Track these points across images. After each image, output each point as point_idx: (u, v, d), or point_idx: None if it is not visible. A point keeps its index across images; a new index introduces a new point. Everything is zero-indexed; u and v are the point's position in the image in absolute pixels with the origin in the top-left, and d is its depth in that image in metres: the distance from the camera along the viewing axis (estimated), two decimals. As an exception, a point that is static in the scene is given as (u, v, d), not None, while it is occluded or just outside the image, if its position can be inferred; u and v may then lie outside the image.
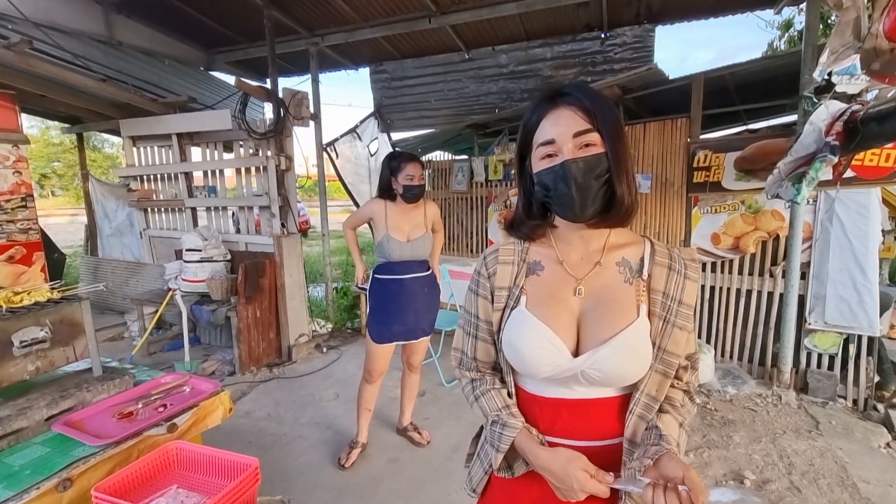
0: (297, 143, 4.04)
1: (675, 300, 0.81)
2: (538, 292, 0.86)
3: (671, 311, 0.81)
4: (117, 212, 5.27)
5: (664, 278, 0.82)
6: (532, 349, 0.81)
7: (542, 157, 0.81)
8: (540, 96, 0.84)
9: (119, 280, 4.99)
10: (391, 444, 2.63)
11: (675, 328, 0.80)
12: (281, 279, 3.93)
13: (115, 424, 1.26)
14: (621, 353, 0.78)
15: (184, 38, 4.72)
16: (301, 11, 4.20)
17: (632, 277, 0.84)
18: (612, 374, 0.78)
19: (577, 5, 3.94)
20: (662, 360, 0.81)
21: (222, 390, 1.47)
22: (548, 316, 0.83)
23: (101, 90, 3.80)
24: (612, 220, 0.82)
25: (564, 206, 0.79)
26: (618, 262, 0.85)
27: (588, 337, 0.81)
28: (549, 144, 0.79)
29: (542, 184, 0.82)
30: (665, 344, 0.80)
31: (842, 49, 2.30)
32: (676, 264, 0.84)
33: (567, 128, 0.78)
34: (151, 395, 1.41)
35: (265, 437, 2.71)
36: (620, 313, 0.81)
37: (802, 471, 2.36)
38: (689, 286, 0.82)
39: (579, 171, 0.77)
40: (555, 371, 0.80)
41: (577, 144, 0.78)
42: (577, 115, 0.78)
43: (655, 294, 0.82)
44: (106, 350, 4.21)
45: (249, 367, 3.69)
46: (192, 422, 1.35)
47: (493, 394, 0.90)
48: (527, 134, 0.85)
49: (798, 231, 3.16)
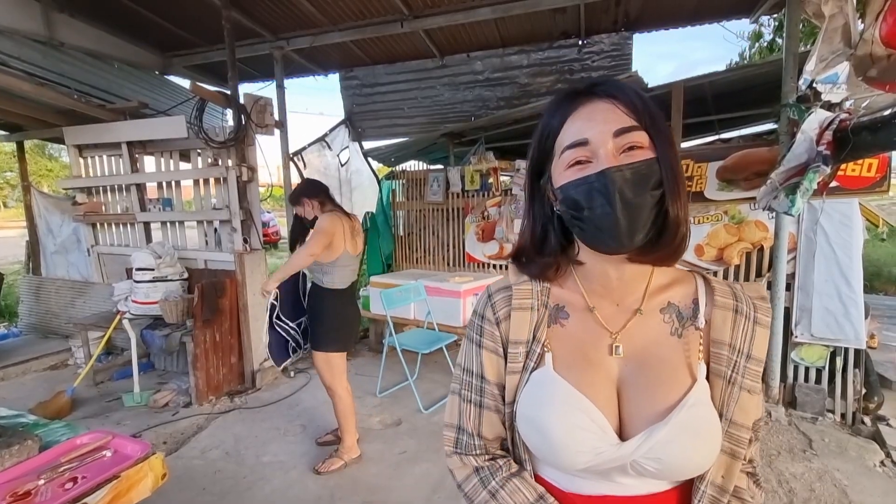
0: (261, 153, 3.77)
1: (742, 354, 0.61)
2: (565, 350, 0.65)
3: (738, 369, 0.61)
4: (62, 227, 4.83)
5: (729, 326, 0.62)
6: (566, 430, 0.59)
7: (569, 164, 0.59)
8: (562, 93, 0.63)
9: (64, 301, 4.56)
10: (364, 485, 2.37)
11: (743, 391, 0.61)
12: (243, 299, 3.63)
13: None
14: (686, 433, 0.57)
15: (136, 41, 4.38)
16: (263, 13, 3.95)
17: (681, 328, 0.63)
18: (675, 463, 0.57)
19: (554, 11, 3.84)
20: (729, 434, 0.60)
21: (153, 454, 1.20)
22: (581, 384, 0.61)
23: (39, 94, 3.44)
24: (663, 252, 0.60)
25: (604, 231, 0.57)
26: (662, 308, 0.64)
27: (634, 413, 0.60)
28: (580, 147, 0.58)
29: (569, 201, 0.59)
30: (731, 413, 0.60)
31: (831, 56, 2.22)
32: (744, 305, 0.63)
33: (606, 124, 0.57)
34: (60, 464, 1.14)
35: (221, 482, 2.41)
36: (672, 378, 0.61)
37: (804, 498, 2.23)
38: (761, 334, 0.62)
39: (627, 182, 0.55)
40: (594, 461, 0.59)
41: (619, 146, 0.57)
42: (617, 107, 0.58)
43: (718, 347, 0.62)
44: (48, 380, 3.82)
45: (208, 397, 3.36)
46: (111, 498, 1.08)
47: (517, 484, 0.65)
48: (545, 141, 0.63)
49: (783, 242, 3.09)
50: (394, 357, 3.59)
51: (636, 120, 0.57)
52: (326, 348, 2.43)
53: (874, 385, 3.14)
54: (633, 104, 0.58)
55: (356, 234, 2.52)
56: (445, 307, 3.73)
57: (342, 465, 2.50)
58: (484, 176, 4.55)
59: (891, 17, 1.82)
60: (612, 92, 0.59)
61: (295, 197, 2.55)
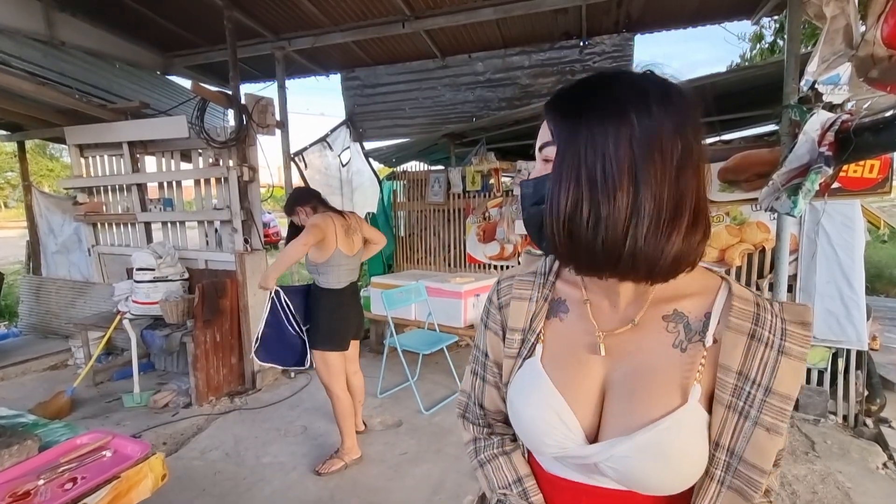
0: (262, 153, 3.77)
1: (758, 386, 0.53)
2: (558, 345, 0.65)
3: (751, 402, 0.53)
4: (63, 227, 4.83)
5: (740, 351, 0.54)
6: (535, 421, 0.61)
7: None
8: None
9: (64, 301, 4.55)
10: (364, 486, 2.36)
11: (759, 428, 0.53)
12: (244, 299, 3.62)
13: (3, 512, 0.99)
14: (647, 455, 0.53)
15: (137, 40, 4.38)
16: (265, 13, 3.94)
17: (687, 341, 0.57)
18: (633, 478, 0.56)
19: (556, 12, 3.83)
20: (738, 472, 0.54)
21: (153, 454, 1.20)
22: (564, 380, 0.61)
23: (40, 94, 3.44)
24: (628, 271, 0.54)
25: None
26: (666, 315, 0.59)
27: (610, 419, 0.59)
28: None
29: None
30: (740, 449, 0.53)
31: (833, 57, 2.22)
32: (765, 331, 0.54)
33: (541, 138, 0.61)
34: (59, 465, 1.13)
35: (221, 483, 2.40)
36: (658, 393, 0.56)
37: (807, 500, 2.22)
38: (788, 367, 0.53)
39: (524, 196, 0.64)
40: (561, 454, 0.61)
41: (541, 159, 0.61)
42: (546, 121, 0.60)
43: (724, 373, 0.54)
44: (48, 380, 3.81)
45: (208, 398, 3.35)
46: (111, 499, 1.08)
47: (500, 462, 0.70)
48: None
49: (785, 243, 3.07)
50: (394, 358, 3.58)
51: (551, 134, 0.58)
52: (322, 347, 2.46)
53: (876, 387, 3.12)
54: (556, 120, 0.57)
55: (351, 232, 2.53)
56: (446, 308, 3.72)
57: (342, 465, 2.50)
58: (485, 177, 4.54)
59: (892, 18, 1.81)
60: (551, 104, 0.58)
61: (289, 207, 2.61)
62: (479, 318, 2.98)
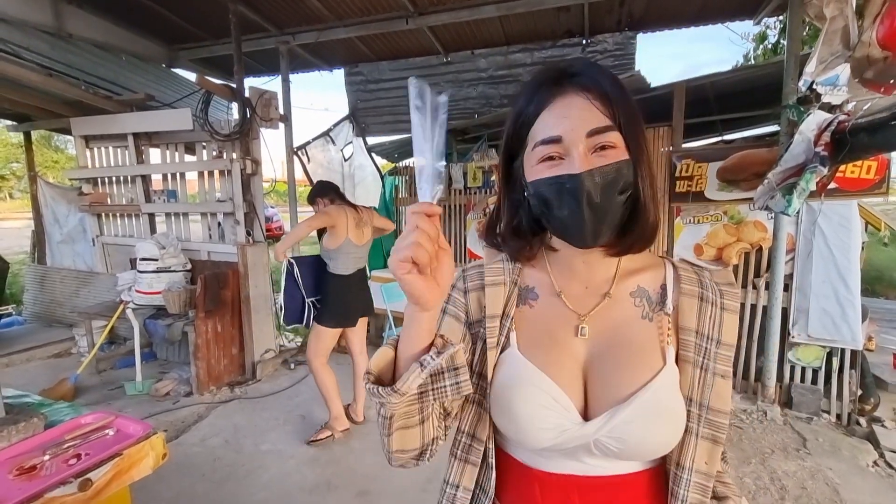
0: (265, 146, 3.81)
1: (712, 340, 0.62)
2: (532, 330, 0.66)
3: (709, 355, 0.61)
4: (69, 217, 4.88)
5: (695, 312, 0.63)
6: (530, 409, 0.60)
7: (541, 158, 0.59)
8: (540, 76, 0.62)
9: (69, 291, 4.61)
10: (361, 475, 2.41)
11: (717, 377, 0.61)
12: (245, 291, 3.67)
13: (9, 483, 1.02)
14: (648, 415, 0.58)
15: (143, 33, 4.41)
16: (270, 8, 3.97)
17: (651, 312, 0.64)
18: (636, 444, 0.58)
19: (559, 10, 3.85)
20: (708, 420, 0.61)
21: (154, 433, 1.24)
22: (547, 363, 0.63)
23: (48, 85, 3.49)
24: (631, 244, 0.63)
25: (570, 229, 0.60)
26: (632, 291, 0.65)
27: (599, 394, 0.61)
28: (552, 143, 0.58)
29: (540, 196, 0.60)
30: (707, 399, 0.61)
31: (831, 58, 2.24)
32: (709, 292, 0.64)
33: (580, 122, 0.57)
34: (64, 441, 1.17)
35: (220, 469, 2.45)
36: (641, 361, 0.61)
37: (795, 495, 2.25)
38: (729, 320, 0.63)
39: (597, 186, 0.56)
40: (559, 439, 0.60)
41: (591, 146, 0.57)
42: (592, 104, 0.57)
43: (685, 334, 0.62)
44: (52, 367, 3.87)
45: (208, 387, 3.40)
46: (113, 474, 1.12)
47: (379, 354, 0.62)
48: (519, 127, 0.63)
49: (781, 242, 3.10)
50: (393, 351, 3.61)
51: (610, 118, 0.57)
52: (325, 323, 2.70)
53: (870, 386, 3.15)
54: (608, 101, 0.57)
55: (362, 224, 2.76)
56: (445, 302, 3.75)
57: (329, 435, 2.71)
58: (486, 173, 4.56)
59: (888, 19, 1.84)
60: (589, 84, 0.58)
61: (311, 197, 2.88)
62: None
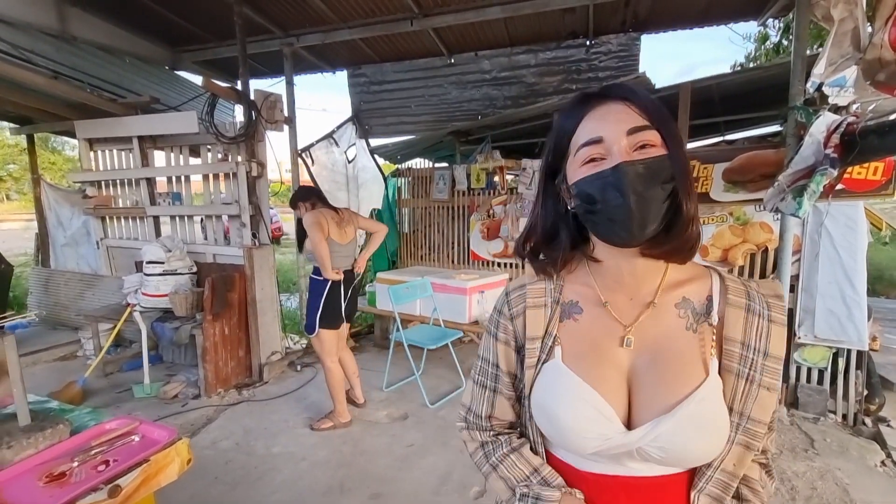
0: (270, 148, 3.81)
1: (758, 352, 0.63)
2: (576, 342, 0.68)
3: (754, 367, 0.63)
4: (72, 220, 4.87)
5: (741, 323, 0.64)
6: (574, 419, 0.63)
7: (584, 161, 0.63)
8: (576, 97, 0.67)
9: (73, 293, 4.60)
10: (373, 477, 2.41)
11: (762, 389, 0.62)
12: (252, 293, 3.67)
13: (41, 491, 1.02)
14: (691, 426, 0.60)
15: (147, 35, 4.41)
16: (274, 10, 3.97)
17: (696, 323, 0.65)
18: (679, 453, 0.61)
19: (564, 11, 3.86)
20: (746, 429, 0.62)
21: (179, 439, 1.24)
22: (591, 374, 0.65)
23: (52, 88, 3.48)
24: (674, 245, 0.63)
25: (616, 222, 0.61)
26: (677, 303, 0.67)
27: (643, 403, 0.63)
28: (594, 144, 0.61)
29: (584, 195, 0.63)
30: (748, 409, 0.62)
31: (841, 60, 2.25)
32: (756, 304, 0.65)
33: (619, 123, 0.61)
34: (91, 447, 1.17)
35: (233, 472, 2.45)
36: (684, 371, 0.63)
37: (806, 496, 2.27)
38: (776, 332, 0.64)
39: (639, 176, 0.58)
40: (602, 447, 0.63)
41: (632, 144, 0.60)
42: (630, 108, 0.62)
43: (730, 344, 0.64)
44: (58, 370, 3.86)
45: (216, 390, 3.40)
46: (141, 481, 1.12)
47: (513, 459, 0.71)
48: (560, 141, 0.67)
49: (788, 243, 3.11)
50: (400, 353, 3.62)
51: (648, 120, 0.61)
52: (320, 325, 2.81)
53: (876, 387, 3.17)
54: (645, 105, 0.62)
55: (344, 224, 2.89)
56: (451, 304, 3.76)
57: (331, 426, 2.88)
58: (490, 174, 4.57)
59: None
60: (625, 94, 0.63)
61: (293, 202, 3.01)
62: (482, 315, 3.06)
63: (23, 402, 1.20)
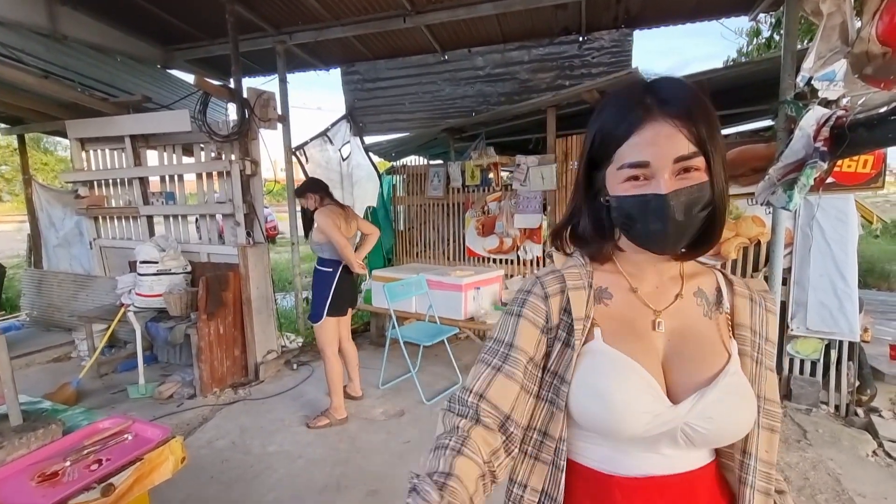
0: (264, 147, 3.80)
1: (762, 337, 0.70)
2: (612, 324, 0.70)
3: (761, 351, 0.69)
4: (65, 220, 4.84)
5: (748, 312, 0.71)
6: (627, 391, 0.63)
7: (626, 178, 0.64)
8: (628, 94, 0.65)
9: (66, 294, 4.57)
10: (370, 474, 2.42)
11: (768, 370, 0.69)
12: (247, 292, 3.66)
13: (33, 490, 1.02)
14: (734, 395, 0.64)
15: (138, 34, 4.38)
16: (267, 7, 3.96)
17: (710, 311, 0.72)
18: (723, 424, 0.63)
19: (556, 7, 3.86)
20: (766, 411, 0.68)
21: (172, 437, 1.24)
22: (634, 351, 0.66)
23: (43, 88, 3.46)
24: (699, 252, 0.69)
25: (651, 241, 0.65)
26: (695, 292, 0.73)
27: (680, 381, 0.66)
28: (640, 167, 0.62)
29: (624, 211, 0.65)
30: (762, 391, 0.68)
31: (829, 54, 2.26)
32: (755, 295, 0.73)
33: (668, 149, 0.60)
34: (84, 447, 1.17)
35: (229, 471, 2.45)
36: (713, 352, 0.68)
37: (799, 486, 2.29)
38: (772, 321, 0.72)
39: (681, 205, 0.61)
40: (651, 423, 0.62)
41: (675, 170, 0.61)
42: (681, 132, 0.60)
43: (742, 330, 0.70)
44: (52, 372, 3.84)
45: (212, 389, 3.40)
46: (135, 479, 1.12)
47: (445, 453, 0.62)
48: (606, 140, 0.66)
49: (780, 237, 3.13)
50: (396, 350, 3.63)
51: (696, 144, 0.60)
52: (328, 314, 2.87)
53: (867, 377, 3.20)
54: (694, 127, 0.60)
55: (351, 218, 3.00)
56: (447, 300, 3.77)
57: (328, 423, 2.88)
58: (484, 171, 4.58)
59: (887, 15, 1.86)
60: (680, 114, 0.60)
61: (301, 191, 3.02)
62: (477, 311, 3.05)
63: (14, 402, 1.20)
